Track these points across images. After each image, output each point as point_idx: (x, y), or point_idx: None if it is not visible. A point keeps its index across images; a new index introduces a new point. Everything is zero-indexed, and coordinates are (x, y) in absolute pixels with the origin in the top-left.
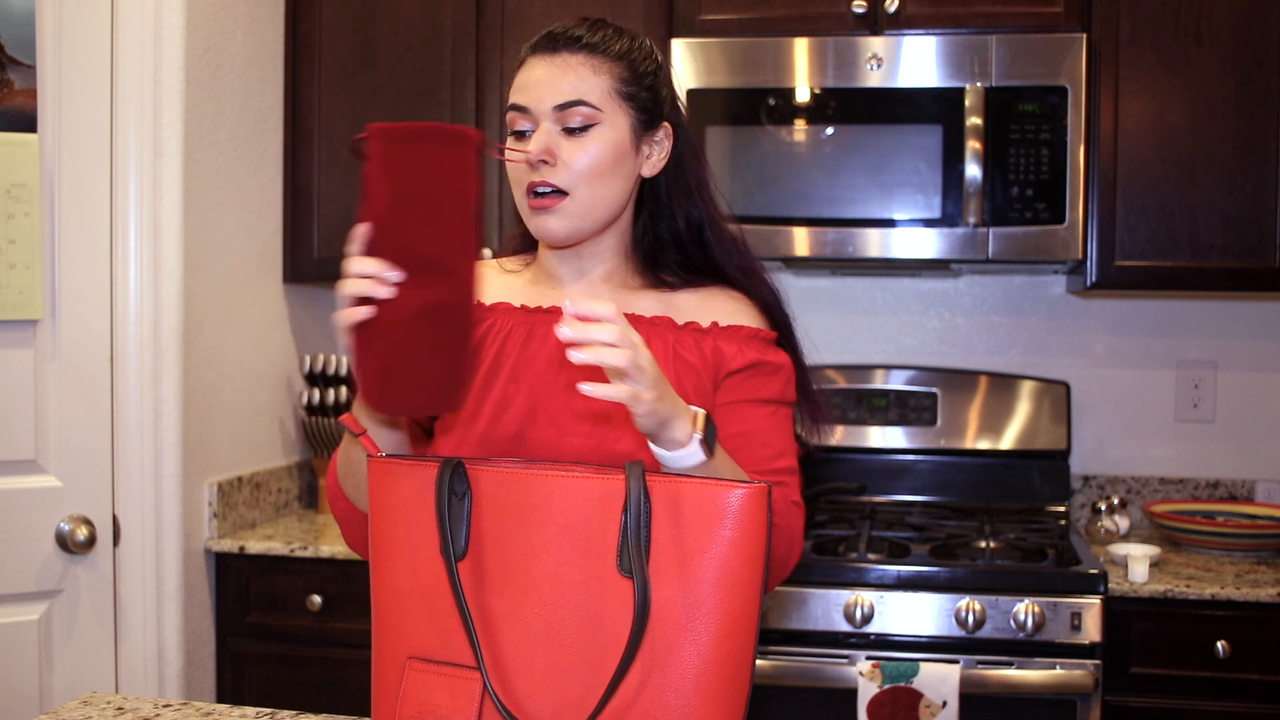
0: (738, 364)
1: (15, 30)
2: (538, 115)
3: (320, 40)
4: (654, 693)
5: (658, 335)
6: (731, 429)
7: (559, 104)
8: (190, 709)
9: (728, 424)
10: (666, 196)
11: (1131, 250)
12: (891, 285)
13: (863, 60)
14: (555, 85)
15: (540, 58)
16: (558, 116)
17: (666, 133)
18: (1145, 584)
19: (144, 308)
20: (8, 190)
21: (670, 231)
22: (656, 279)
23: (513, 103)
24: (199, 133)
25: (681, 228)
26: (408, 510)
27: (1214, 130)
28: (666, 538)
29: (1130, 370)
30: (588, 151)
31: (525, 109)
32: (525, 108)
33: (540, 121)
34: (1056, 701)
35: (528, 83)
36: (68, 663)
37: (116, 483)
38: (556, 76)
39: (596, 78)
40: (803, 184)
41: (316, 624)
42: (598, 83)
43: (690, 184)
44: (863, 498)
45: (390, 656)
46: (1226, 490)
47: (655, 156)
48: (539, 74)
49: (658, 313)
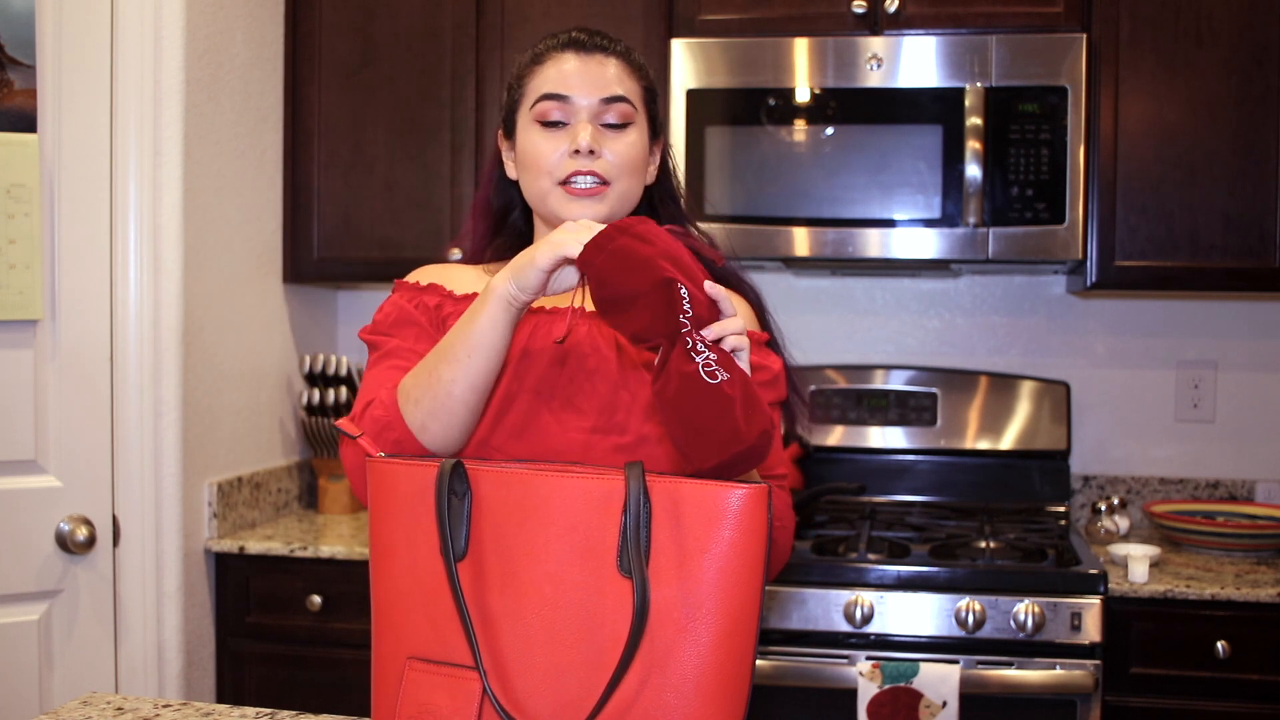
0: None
1: (15, 30)
2: (578, 107)
3: (320, 40)
4: (653, 693)
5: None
6: None
7: (606, 97)
8: (190, 709)
9: None
10: (657, 203)
11: (1131, 250)
12: (891, 285)
13: (863, 60)
14: (599, 79)
15: (573, 54)
16: (599, 110)
17: (659, 147)
18: (1145, 584)
19: (144, 308)
20: (8, 190)
21: None
22: None
23: (550, 92)
24: (199, 133)
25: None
26: (407, 510)
27: (1214, 130)
28: (666, 538)
29: (1130, 370)
30: (629, 144)
31: (565, 98)
32: (566, 96)
33: (580, 114)
34: (1056, 702)
35: (566, 73)
36: (68, 663)
37: (116, 483)
38: (598, 71)
39: (631, 81)
40: (803, 184)
41: (316, 624)
42: (632, 86)
43: (675, 193)
44: (863, 498)
45: (390, 657)
46: (1226, 490)
47: (654, 166)
48: (578, 66)
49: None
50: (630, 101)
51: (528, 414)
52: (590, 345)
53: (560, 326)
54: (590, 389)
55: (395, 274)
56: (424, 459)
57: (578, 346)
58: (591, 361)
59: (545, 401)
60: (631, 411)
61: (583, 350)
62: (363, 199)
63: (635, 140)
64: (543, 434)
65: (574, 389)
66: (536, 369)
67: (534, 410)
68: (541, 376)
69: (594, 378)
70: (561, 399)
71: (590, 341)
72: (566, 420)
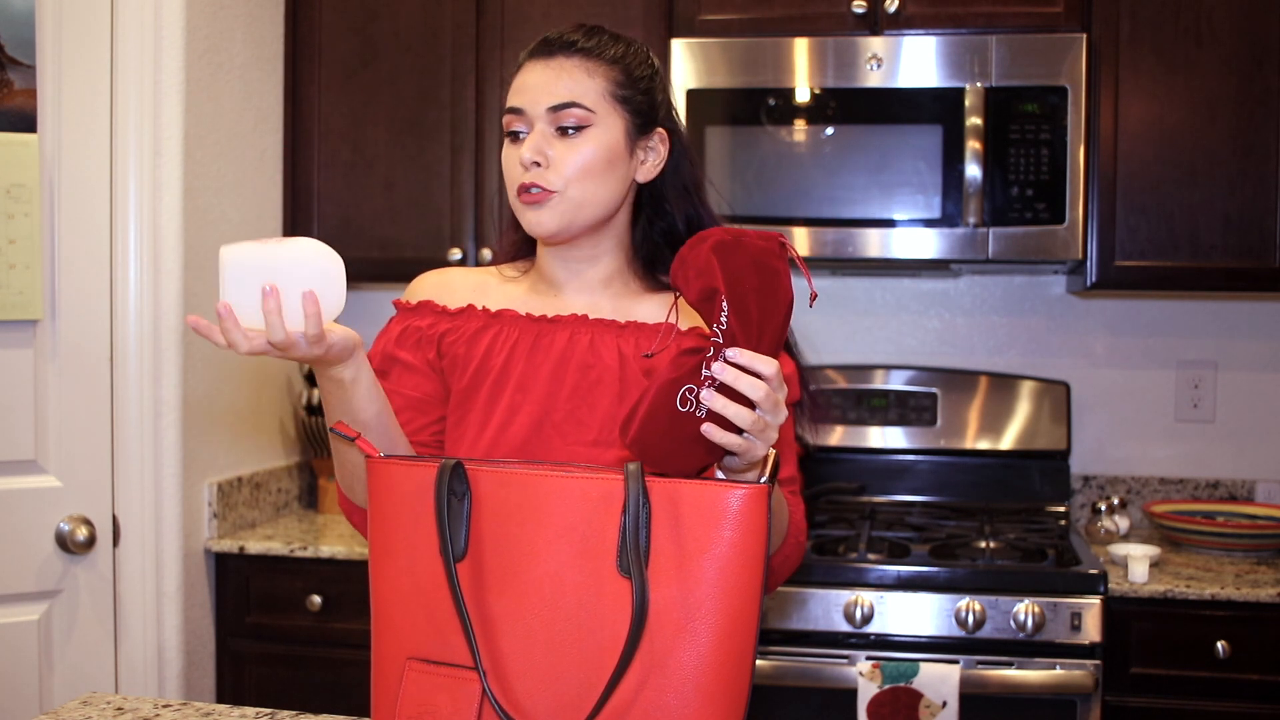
0: None
1: (15, 30)
2: (532, 117)
3: (320, 40)
4: (653, 693)
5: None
6: None
7: (552, 105)
8: (190, 709)
9: None
10: (664, 199)
11: (1131, 250)
12: (891, 285)
13: (863, 60)
14: (549, 88)
15: (536, 62)
16: (551, 118)
17: (662, 139)
18: (1145, 584)
19: (144, 308)
20: (8, 190)
21: (669, 233)
22: (658, 282)
23: (508, 105)
24: (199, 133)
25: (681, 229)
26: (407, 511)
27: (1214, 130)
28: (666, 538)
29: (1130, 370)
30: (580, 152)
31: (520, 111)
32: (520, 109)
33: (535, 124)
34: (1056, 702)
35: (524, 86)
36: (68, 663)
37: (116, 483)
38: (551, 79)
39: (591, 80)
40: (803, 184)
41: (316, 624)
42: (592, 85)
43: (688, 186)
44: (863, 498)
45: (390, 657)
46: (1226, 490)
47: (650, 162)
48: (534, 78)
49: (661, 319)
50: (582, 104)
51: (531, 428)
52: (594, 355)
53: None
54: (594, 400)
55: (395, 274)
56: (423, 459)
57: (581, 356)
58: (595, 372)
59: (548, 414)
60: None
61: (586, 361)
62: (363, 199)
63: (595, 144)
64: (545, 447)
65: (576, 401)
66: (540, 380)
67: (537, 424)
68: (545, 390)
69: (596, 389)
70: (564, 411)
71: (594, 351)
72: (569, 433)
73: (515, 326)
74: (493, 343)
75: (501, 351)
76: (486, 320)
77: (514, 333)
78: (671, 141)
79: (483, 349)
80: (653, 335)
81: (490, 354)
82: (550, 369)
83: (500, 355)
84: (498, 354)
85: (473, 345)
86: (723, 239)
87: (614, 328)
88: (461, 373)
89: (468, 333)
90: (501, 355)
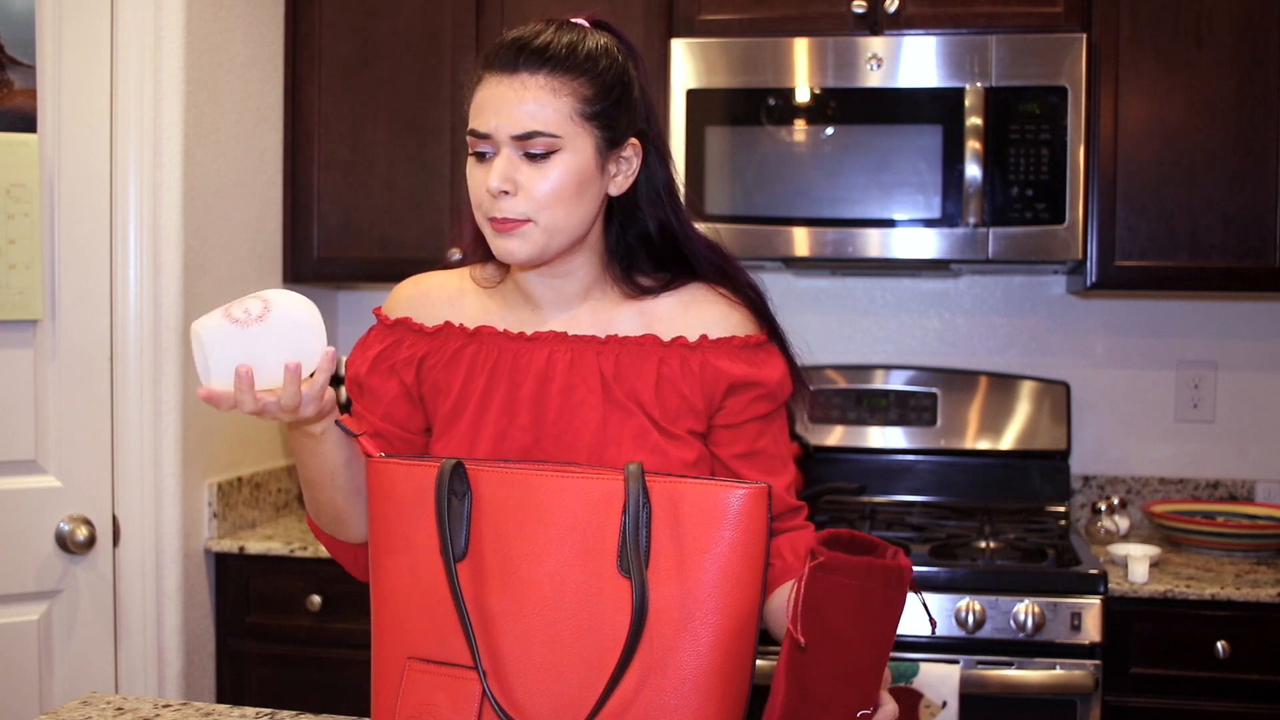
0: (735, 381)
1: (15, 30)
2: (497, 140)
3: (320, 40)
4: (653, 693)
5: (643, 357)
6: (738, 449)
7: (517, 134)
8: (190, 709)
9: (734, 444)
10: (637, 207)
11: (1131, 250)
12: (891, 285)
13: (863, 60)
14: (512, 113)
15: (498, 76)
16: (517, 144)
17: (635, 149)
18: (1145, 584)
19: (144, 308)
20: (8, 190)
21: (643, 237)
22: (635, 286)
23: (471, 127)
24: (199, 133)
25: (654, 232)
26: (407, 510)
27: (1214, 130)
28: (666, 538)
29: (1130, 370)
30: (549, 178)
31: (486, 135)
32: (486, 134)
33: (500, 148)
34: (1056, 702)
35: (485, 106)
36: (68, 663)
37: (116, 483)
38: (514, 102)
39: (557, 100)
40: (803, 184)
41: (316, 624)
42: (558, 106)
43: (659, 192)
44: (863, 498)
45: (390, 657)
46: (1226, 490)
47: (622, 175)
48: (497, 97)
49: (641, 329)
50: (548, 132)
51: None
52: (576, 376)
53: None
54: (580, 423)
55: (395, 274)
56: (423, 459)
57: (562, 378)
58: (578, 394)
59: (537, 442)
60: (621, 443)
61: (568, 382)
62: (363, 199)
63: (564, 168)
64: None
65: (562, 426)
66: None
67: (525, 452)
68: (530, 416)
69: (580, 411)
70: (551, 436)
71: (575, 371)
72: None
73: (494, 345)
74: (472, 363)
75: (482, 373)
76: (464, 340)
77: (493, 352)
78: (645, 149)
79: (463, 372)
80: (633, 350)
81: (471, 376)
82: (530, 391)
83: (481, 377)
84: (478, 375)
85: (452, 368)
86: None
87: (594, 345)
88: (444, 397)
89: (446, 355)
90: (482, 377)
